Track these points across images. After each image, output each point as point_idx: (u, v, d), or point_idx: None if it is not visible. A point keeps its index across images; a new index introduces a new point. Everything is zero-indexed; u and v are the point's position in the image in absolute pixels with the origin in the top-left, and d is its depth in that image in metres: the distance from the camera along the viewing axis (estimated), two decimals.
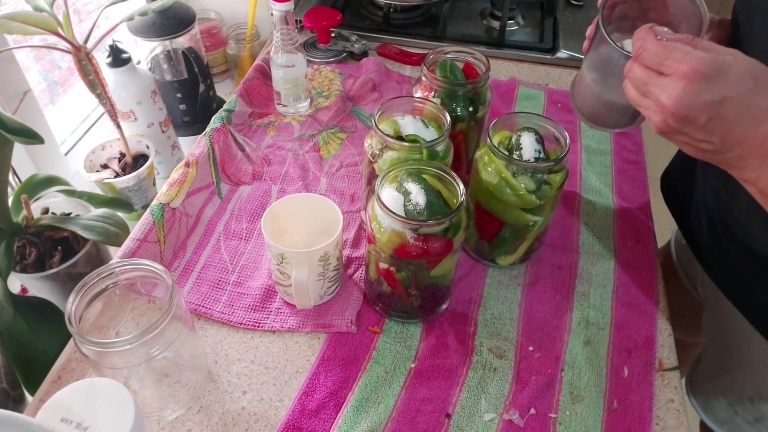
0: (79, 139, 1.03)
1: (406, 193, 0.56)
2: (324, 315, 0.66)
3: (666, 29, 0.51)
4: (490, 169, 0.64)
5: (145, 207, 0.91)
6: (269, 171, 0.84)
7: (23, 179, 0.78)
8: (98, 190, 0.90)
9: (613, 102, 0.62)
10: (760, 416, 0.73)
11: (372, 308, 0.67)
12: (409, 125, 0.66)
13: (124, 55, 0.88)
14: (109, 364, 0.50)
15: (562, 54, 1.06)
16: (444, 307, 0.67)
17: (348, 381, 0.60)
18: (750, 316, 0.70)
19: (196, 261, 0.71)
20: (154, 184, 0.95)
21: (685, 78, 0.45)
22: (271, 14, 0.92)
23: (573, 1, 1.17)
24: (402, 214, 0.55)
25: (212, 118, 0.86)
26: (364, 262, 0.71)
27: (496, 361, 0.63)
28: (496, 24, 1.12)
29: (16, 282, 0.79)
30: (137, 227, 0.69)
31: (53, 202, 0.81)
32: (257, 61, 1.00)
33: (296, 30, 0.89)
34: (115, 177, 0.89)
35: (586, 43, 0.64)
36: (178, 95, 1.03)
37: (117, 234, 0.75)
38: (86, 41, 0.79)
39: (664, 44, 0.47)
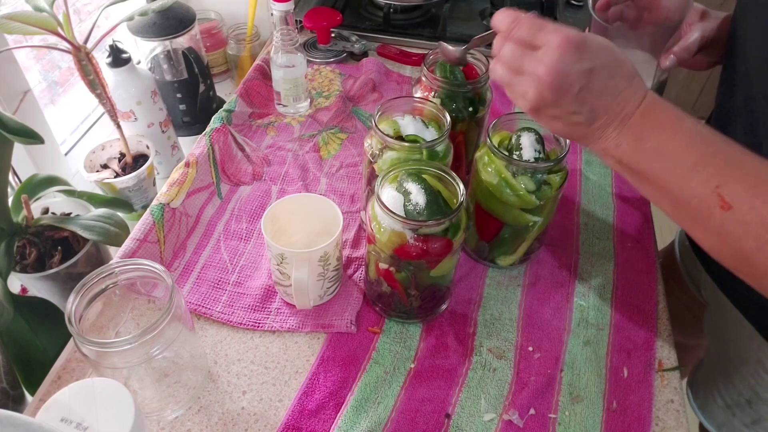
0: (79, 139, 1.03)
1: (406, 193, 0.56)
2: (324, 315, 0.66)
3: (533, 12, 0.53)
4: (490, 170, 0.64)
5: (145, 207, 0.91)
6: (269, 171, 0.84)
7: (23, 179, 0.78)
8: (98, 190, 0.90)
9: None
10: (757, 418, 0.73)
11: (372, 308, 0.67)
12: (409, 125, 0.66)
13: (124, 55, 0.88)
14: (109, 364, 0.50)
15: None
16: (444, 307, 0.67)
17: (348, 381, 0.60)
18: (750, 317, 0.70)
19: (195, 261, 0.71)
20: (154, 184, 0.95)
21: (560, 47, 0.47)
22: (271, 14, 0.92)
23: (573, 1, 1.17)
24: (402, 214, 0.55)
25: (212, 119, 0.86)
26: (364, 263, 0.71)
27: (496, 361, 0.63)
28: None
29: (16, 282, 0.79)
30: (137, 227, 0.69)
31: (53, 202, 0.82)
32: (257, 62, 1.00)
33: (296, 30, 0.89)
34: (115, 177, 0.89)
35: None
36: (178, 95, 1.03)
37: (117, 234, 0.75)
38: (86, 41, 0.79)
39: (536, 19, 0.50)
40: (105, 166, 0.92)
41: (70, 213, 0.82)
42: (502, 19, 0.51)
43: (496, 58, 0.52)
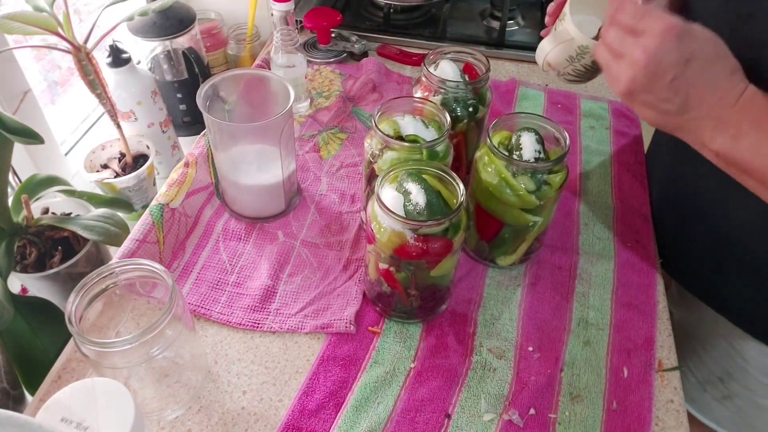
0: (79, 139, 1.03)
1: (406, 193, 0.56)
2: (323, 315, 0.66)
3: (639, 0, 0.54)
4: (490, 170, 0.64)
5: (145, 207, 0.91)
6: None
7: (23, 179, 0.78)
8: (98, 190, 0.90)
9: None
10: (728, 394, 0.74)
11: (372, 308, 0.67)
12: (409, 125, 0.66)
13: (124, 55, 0.88)
14: (109, 364, 0.50)
15: None
16: (444, 307, 0.67)
17: (348, 381, 0.60)
18: (716, 306, 0.71)
19: (195, 261, 0.71)
20: (154, 184, 0.95)
21: (661, 35, 0.47)
22: (272, 14, 0.92)
23: None
24: (402, 214, 0.55)
25: None
26: (364, 263, 0.71)
27: (496, 361, 0.63)
28: (496, 24, 1.12)
29: (16, 282, 0.79)
30: (136, 228, 0.69)
31: (53, 202, 0.82)
32: (257, 62, 1.00)
33: (296, 30, 0.89)
34: (115, 177, 0.89)
35: (548, 19, 0.67)
36: (179, 95, 1.03)
37: (117, 234, 0.75)
38: (86, 41, 0.79)
39: (641, 5, 0.50)
40: (105, 166, 0.92)
41: (70, 213, 0.82)
42: (610, 3, 0.53)
43: (601, 39, 0.54)
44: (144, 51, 1.00)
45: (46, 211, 0.81)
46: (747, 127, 0.47)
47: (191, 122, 1.08)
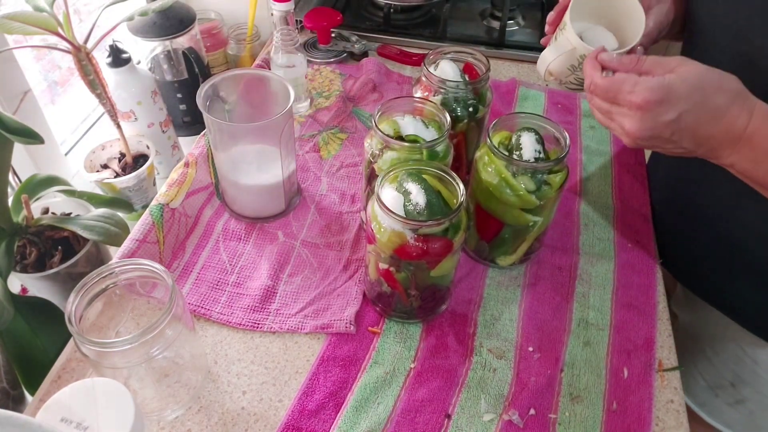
0: (79, 139, 1.03)
1: (406, 193, 0.56)
2: (323, 316, 0.66)
3: (613, 53, 0.56)
4: (490, 170, 0.64)
5: (145, 207, 0.91)
6: None
7: (23, 179, 0.78)
8: (98, 190, 0.90)
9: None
10: (740, 398, 0.73)
11: (372, 308, 0.67)
12: (409, 125, 0.66)
13: (124, 55, 0.88)
14: (109, 364, 0.50)
15: None
16: (444, 307, 0.67)
17: (348, 381, 0.60)
18: (725, 310, 0.71)
19: (195, 262, 0.71)
20: (154, 184, 0.95)
21: (640, 109, 0.49)
22: (272, 14, 0.92)
23: None
24: (402, 214, 0.55)
25: None
26: (364, 263, 0.71)
27: (496, 361, 0.63)
28: (496, 24, 1.12)
29: (16, 282, 0.79)
30: (136, 228, 0.69)
31: (53, 202, 0.81)
32: (257, 62, 1.00)
33: (296, 30, 0.89)
34: (115, 177, 0.89)
35: (548, 28, 0.67)
36: (179, 95, 1.03)
37: (117, 234, 0.75)
38: (86, 41, 0.79)
39: (611, 80, 0.52)
40: (105, 166, 0.92)
41: (70, 213, 0.82)
42: (584, 70, 0.55)
43: (590, 103, 0.56)
44: (144, 51, 1.00)
45: (46, 211, 0.81)
46: (762, 155, 0.48)
47: (191, 122, 1.08)
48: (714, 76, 0.49)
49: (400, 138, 0.65)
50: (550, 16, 0.66)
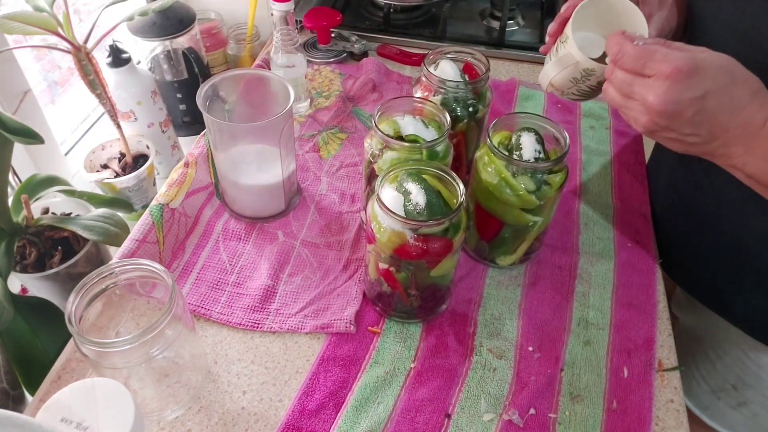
0: (79, 139, 1.03)
1: (406, 193, 0.56)
2: (323, 315, 0.66)
3: (639, 34, 0.53)
4: (490, 170, 0.64)
5: (145, 207, 0.91)
6: None
7: (23, 179, 0.78)
8: (98, 190, 0.90)
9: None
10: (743, 401, 0.73)
11: (372, 308, 0.67)
12: (409, 125, 0.66)
13: (124, 55, 0.88)
14: (109, 364, 0.50)
15: None
16: (444, 307, 0.67)
17: (348, 381, 0.60)
18: (728, 316, 0.70)
19: (194, 262, 0.71)
20: (154, 184, 0.95)
21: (670, 77, 0.46)
22: (271, 14, 0.92)
23: None
24: (402, 214, 0.55)
25: None
26: (364, 263, 0.71)
27: (496, 361, 0.63)
28: (496, 24, 1.12)
29: (16, 282, 0.79)
30: (136, 228, 0.69)
31: (53, 202, 0.82)
32: (257, 61, 1.00)
33: (296, 30, 0.89)
34: (115, 177, 0.89)
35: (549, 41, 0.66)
36: (178, 95, 1.03)
37: (117, 234, 0.75)
38: (86, 41, 0.79)
39: (643, 47, 0.49)
40: (105, 166, 0.92)
41: (70, 213, 0.82)
42: (610, 45, 0.52)
43: (607, 80, 0.52)
44: (144, 51, 1.00)
45: (46, 211, 0.81)
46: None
47: (191, 122, 1.08)
48: (741, 69, 0.48)
49: (400, 138, 0.65)
50: (551, 27, 0.65)
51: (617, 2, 0.61)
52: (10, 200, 0.74)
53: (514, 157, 0.63)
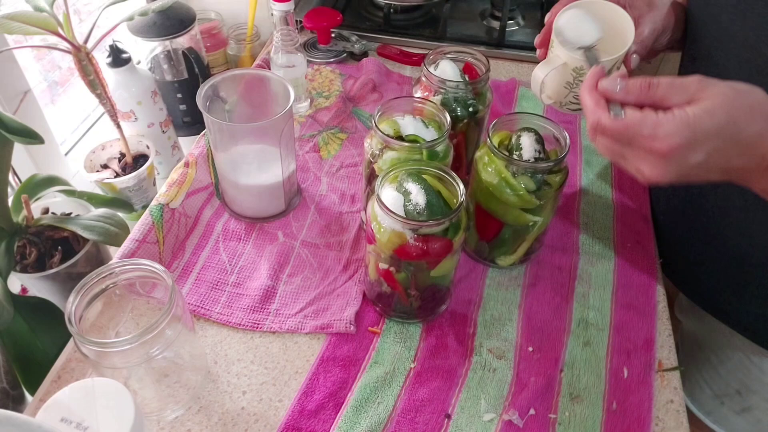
0: (79, 139, 1.03)
1: (406, 193, 0.56)
2: (323, 316, 0.66)
3: (616, 77, 0.46)
4: (490, 170, 0.64)
5: (145, 207, 0.91)
6: None
7: (23, 179, 0.78)
8: (98, 190, 0.90)
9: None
10: (747, 406, 0.73)
11: (372, 308, 0.67)
12: (409, 125, 0.66)
13: (124, 55, 0.88)
14: (109, 364, 0.50)
15: None
16: (444, 307, 0.67)
17: (348, 381, 0.60)
18: (731, 323, 0.70)
19: (194, 262, 0.71)
20: (155, 184, 0.95)
21: (666, 156, 0.42)
22: (272, 14, 0.92)
23: None
24: (402, 214, 0.55)
25: None
26: (364, 263, 0.71)
27: (496, 361, 0.63)
28: (496, 24, 1.12)
29: (16, 282, 0.79)
30: (136, 228, 0.69)
31: (53, 202, 0.82)
32: (257, 61, 1.00)
33: (296, 30, 0.89)
34: (115, 177, 0.89)
35: (540, 52, 0.65)
36: (179, 95, 1.03)
37: (117, 234, 0.75)
38: (86, 41, 0.79)
39: (624, 124, 0.44)
40: (105, 166, 0.92)
41: (70, 213, 0.82)
42: (586, 108, 0.46)
43: (594, 143, 0.47)
44: (144, 51, 1.00)
45: (46, 211, 0.81)
46: None
47: (191, 122, 1.08)
48: (743, 100, 0.42)
49: (400, 138, 0.65)
50: (538, 38, 0.64)
51: (603, 7, 0.61)
52: (10, 200, 0.74)
53: (514, 157, 0.63)
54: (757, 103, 0.42)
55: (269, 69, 0.93)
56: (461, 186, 0.57)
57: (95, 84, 0.81)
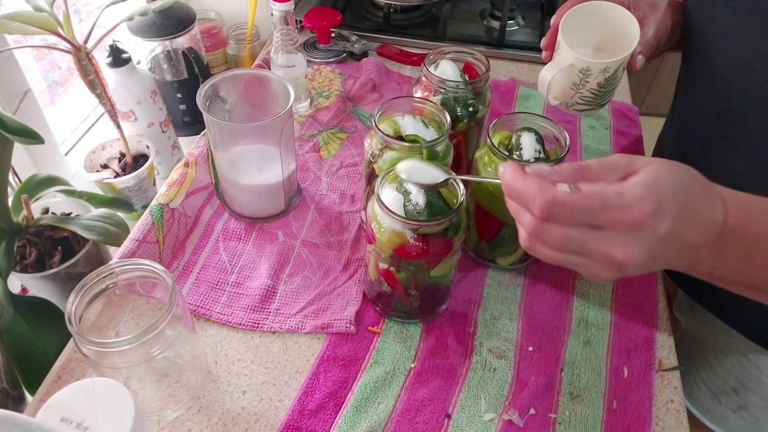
0: (79, 139, 1.03)
1: (406, 193, 0.56)
2: (323, 315, 0.66)
3: (544, 165, 0.40)
4: (490, 170, 0.64)
5: (145, 207, 0.91)
6: None
7: (23, 179, 0.78)
8: (98, 190, 0.90)
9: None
10: (744, 404, 0.73)
11: (372, 308, 0.67)
12: (409, 125, 0.66)
13: (124, 55, 0.88)
14: (109, 364, 0.50)
15: None
16: (444, 307, 0.67)
17: (348, 381, 0.60)
18: (728, 320, 0.70)
19: (194, 262, 0.71)
20: (154, 184, 0.95)
21: (636, 226, 0.38)
22: (271, 14, 0.92)
23: None
24: (402, 214, 0.55)
25: None
26: (364, 263, 0.71)
27: (496, 361, 0.63)
28: (496, 24, 1.12)
29: (16, 282, 0.79)
30: (136, 228, 0.69)
31: (53, 202, 0.82)
32: (257, 61, 1.00)
33: (296, 30, 0.89)
34: (115, 177, 0.89)
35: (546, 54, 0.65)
36: (178, 95, 1.03)
37: (117, 234, 0.75)
38: (86, 41, 0.79)
39: (588, 195, 0.38)
40: (105, 166, 0.92)
41: (70, 213, 0.82)
42: (527, 194, 0.39)
43: (531, 235, 0.40)
44: (144, 51, 1.00)
45: (46, 211, 0.81)
46: (753, 246, 0.41)
47: (191, 122, 1.08)
48: (682, 170, 0.40)
49: (400, 138, 0.65)
50: (544, 40, 0.64)
51: (608, 9, 0.61)
52: (10, 200, 0.74)
53: (514, 157, 0.63)
54: (692, 172, 0.41)
55: (269, 69, 0.93)
56: (461, 186, 0.57)
57: (95, 84, 0.81)
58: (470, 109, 0.72)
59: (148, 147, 0.93)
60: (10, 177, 0.75)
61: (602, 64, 0.60)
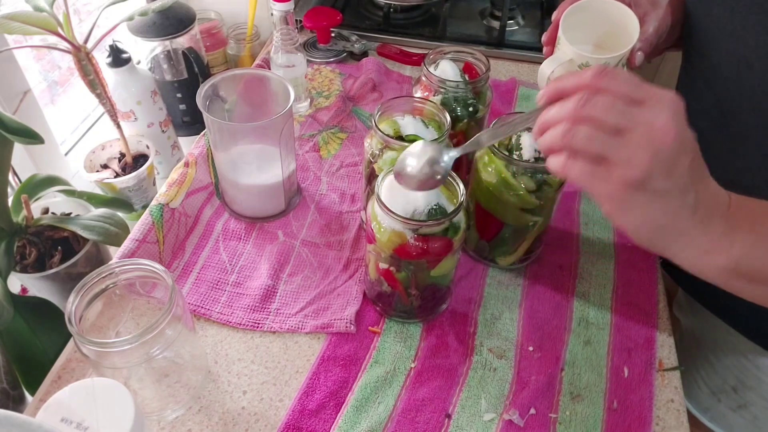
0: (79, 139, 1.03)
1: None
2: (323, 315, 0.66)
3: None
4: (490, 169, 0.64)
5: (145, 207, 0.91)
6: None
7: (23, 179, 0.78)
8: (98, 190, 0.90)
9: None
10: (743, 403, 0.73)
11: (372, 308, 0.67)
12: (409, 125, 0.66)
13: (124, 55, 0.88)
14: (109, 364, 0.50)
15: None
16: (444, 307, 0.67)
17: (348, 381, 0.60)
18: (728, 319, 0.70)
19: (194, 261, 0.71)
20: (154, 184, 0.95)
21: (673, 102, 0.39)
22: (271, 14, 0.92)
23: None
24: (402, 214, 0.55)
25: None
26: (364, 262, 0.71)
27: (496, 361, 0.63)
28: (496, 24, 1.12)
29: (16, 282, 0.79)
30: (136, 228, 0.69)
31: (53, 202, 0.82)
32: (257, 61, 1.00)
33: (296, 30, 0.89)
34: (115, 177, 0.89)
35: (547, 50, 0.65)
36: (178, 95, 1.03)
37: (117, 234, 0.75)
38: (86, 41, 0.79)
39: (628, 73, 0.41)
40: (105, 166, 0.92)
41: (70, 213, 0.82)
42: (565, 79, 0.41)
43: (574, 115, 0.40)
44: (144, 51, 1.00)
45: (46, 211, 0.81)
46: (748, 233, 0.42)
47: (191, 122, 1.08)
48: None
49: (400, 138, 0.65)
50: (545, 35, 0.64)
51: (609, 6, 0.61)
52: (10, 200, 0.74)
53: (514, 157, 0.63)
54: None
55: (269, 69, 0.93)
56: (461, 186, 0.57)
57: (95, 84, 0.81)
58: (470, 109, 0.72)
59: (148, 147, 0.93)
60: (10, 177, 0.75)
61: (601, 59, 0.60)
